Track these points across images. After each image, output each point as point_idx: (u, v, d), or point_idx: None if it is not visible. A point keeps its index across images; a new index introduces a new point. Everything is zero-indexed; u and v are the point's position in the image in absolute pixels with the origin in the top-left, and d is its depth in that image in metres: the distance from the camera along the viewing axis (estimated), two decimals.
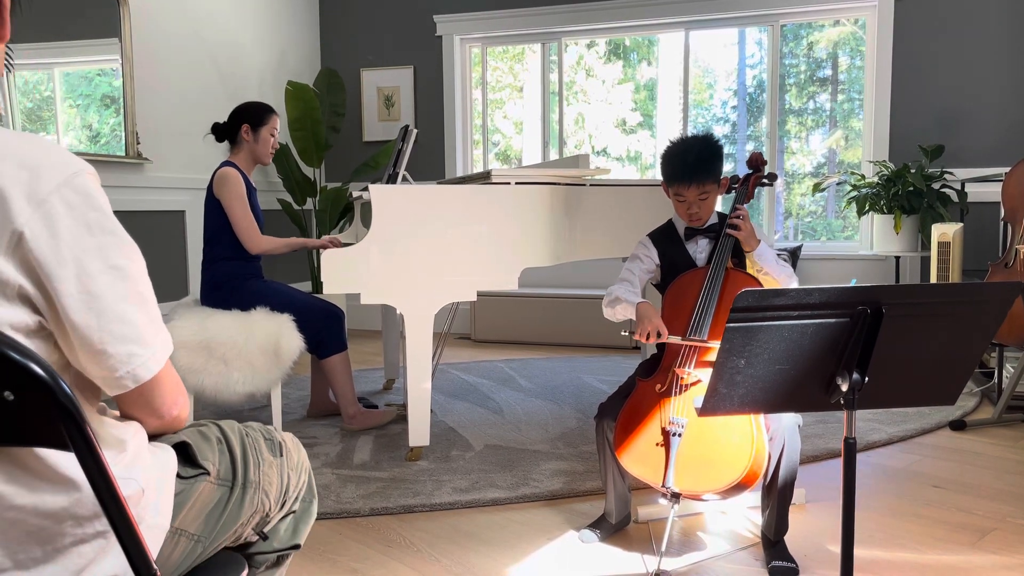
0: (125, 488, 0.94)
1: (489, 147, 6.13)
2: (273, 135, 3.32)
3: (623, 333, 2.19)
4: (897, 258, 4.73)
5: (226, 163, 3.26)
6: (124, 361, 0.92)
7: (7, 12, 0.95)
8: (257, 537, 1.25)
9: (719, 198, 2.35)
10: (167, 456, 1.07)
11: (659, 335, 2.09)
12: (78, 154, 0.93)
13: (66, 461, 0.90)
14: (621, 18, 5.50)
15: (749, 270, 2.25)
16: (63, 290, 0.86)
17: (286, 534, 1.32)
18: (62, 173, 0.87)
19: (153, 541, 0.99)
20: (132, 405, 1.01)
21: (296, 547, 1.33)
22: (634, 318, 2.18)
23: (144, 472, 0.99)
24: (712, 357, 2.03)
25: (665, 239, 2.36)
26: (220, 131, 3.33)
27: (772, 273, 2.21)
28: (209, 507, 1.12)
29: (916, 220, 4.51)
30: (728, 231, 2.21)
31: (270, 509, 1.23)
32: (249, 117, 3.28)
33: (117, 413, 1.08)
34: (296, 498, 1.32)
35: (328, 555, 2.20)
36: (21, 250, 0.84)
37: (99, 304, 0.89)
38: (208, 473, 1.12)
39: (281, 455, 1.26)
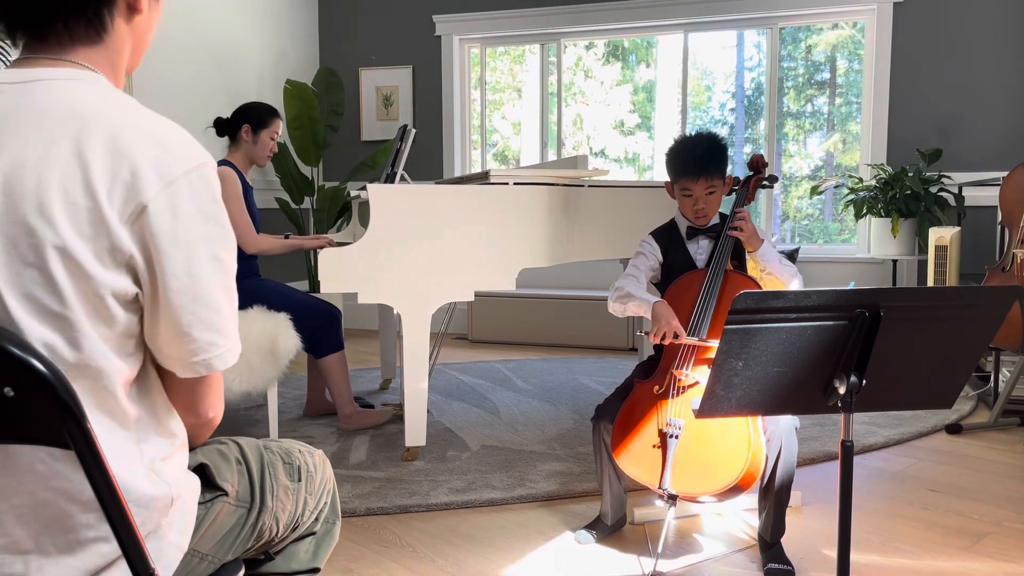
0: (156, 489, 0.94)
1: (487, 148, 6.13)
2: (273, 139, 3.31)
3: (639, 333, 2.18)
4: (894, 261, 4.74)
5: (223, 162, 3.25)
6: (204, 348, 0.94)
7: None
8: (262, 556, 1.23)
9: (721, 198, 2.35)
10: (194, 481, 1.06)
11: (675, 336, 2.08)
12: None
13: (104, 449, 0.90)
14: (620, 20, 5.50)
15: (752, 271, 2.25)
16: (170, 268, 0.89)
17: (306, 556, 1.28)
18: (194, 160, 0.91)
19: (171, 560, 0.98)
20: (180, 399, 1.02)
21: (315, 571, 1.29)
22: (649, 317, 2.17)
23: (177, 483, 0.99)
24: (710, 358, 2.03)
25: (667, 238, 2.35)
26: (221, 126, 3.32)
27: (776, 273, 2.20)
28: (225, 529, 1.10)
29: (913, 224, 4.52)
30: (730, 232, 2.20)
31: (277, 534, 1.19)
32: (251, 118, 3.27)
33: None
34: (317, 519, 1.28)
35: None
36: (140, 222, 0.87)
37: (197, 288, 0.91)
38: (226, 494, 1.10)
39: (300, 480, 1.22)
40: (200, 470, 1.09)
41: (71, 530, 0.90)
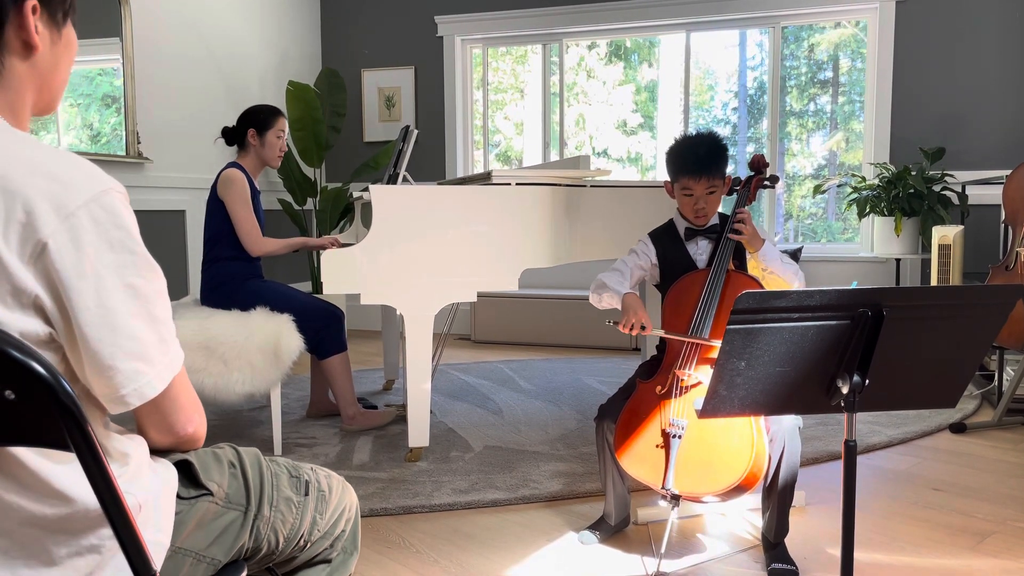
0: None
1: (490, 148, 6.13)
2: (280, 137, 3.32)
3: (607, 323, 2.19)
4: (897, 260, 4.73)
5: (232, 164, 3.26)
6: (131, 378, 0.91)
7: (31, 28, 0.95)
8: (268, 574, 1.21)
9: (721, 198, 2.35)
10: (168, 474, 1.04)
11: (643, 328, 2.09)
12: (80, 154, 0.92)
13: (58, 473, 0.89)
14: (622, 19, 5.50)
15: (753, 271, 2.25)
16: (80, 303, 0.87)
17: None
18: (92, 189, 0.88)
19: (153, 557, 0.98)
20: (148, 422, 1.01)
21: None
22: (620, 308, 2.18)
23: (143, 488, 0.98)
24: (712, 358, 2.03)
25: (665, 239, 2.35)
26: (229, 135, 3.34)
27: (777, 272, 2.20)
28: (217, 530, 1.08)
29: (917, 222, 4.51)
30: (731, 236, 2.20)
31: (278, 547, 1.17)
32: (254, 121, 3.28)
33: (121, 428, 1.07)
34: (333, 546, 1.26)
35: None
36: (43, 261, 0.85)
37: (113, 319, 0.89)
38: (211, 494, 1.09)
39: (306, 494, 1.20)
40: (185, 467, 1.08)
41: (41, 552, 0.90)
